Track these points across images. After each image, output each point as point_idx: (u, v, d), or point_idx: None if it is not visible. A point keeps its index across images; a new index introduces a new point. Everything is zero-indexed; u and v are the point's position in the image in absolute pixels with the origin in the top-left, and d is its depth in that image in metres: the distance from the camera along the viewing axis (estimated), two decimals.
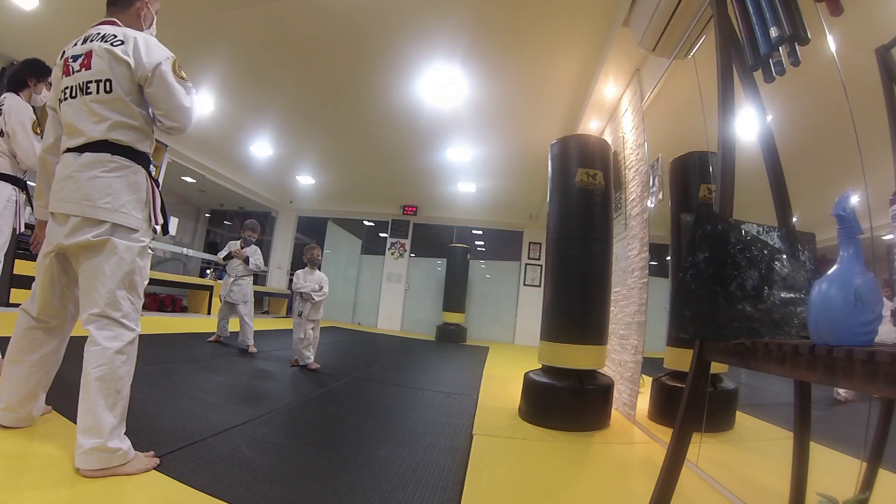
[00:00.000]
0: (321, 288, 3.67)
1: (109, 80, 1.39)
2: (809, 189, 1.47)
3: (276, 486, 1.41)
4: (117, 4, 1.52)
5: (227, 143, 6.71)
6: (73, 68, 1.42)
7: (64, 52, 1.47)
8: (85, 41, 1.43)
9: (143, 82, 1.43)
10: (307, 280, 3.65)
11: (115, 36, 1.42)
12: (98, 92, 1.39)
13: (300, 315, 3.59)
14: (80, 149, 1.40)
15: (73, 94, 1.41)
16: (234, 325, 4.36)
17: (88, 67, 1.40)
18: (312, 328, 3.64)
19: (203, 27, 3.82)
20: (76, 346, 1.52)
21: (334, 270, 10.12)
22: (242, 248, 4.29)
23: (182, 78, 1.47)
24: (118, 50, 1.39)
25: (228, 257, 4.29)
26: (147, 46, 1.43)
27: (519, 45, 3.71)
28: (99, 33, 1.43)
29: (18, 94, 2.19)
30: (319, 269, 3.79)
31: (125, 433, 1.36)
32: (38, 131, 2.21)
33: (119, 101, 1.41)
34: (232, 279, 4.23)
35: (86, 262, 1.39)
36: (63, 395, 1.92)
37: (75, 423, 1.30)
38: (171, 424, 1.82)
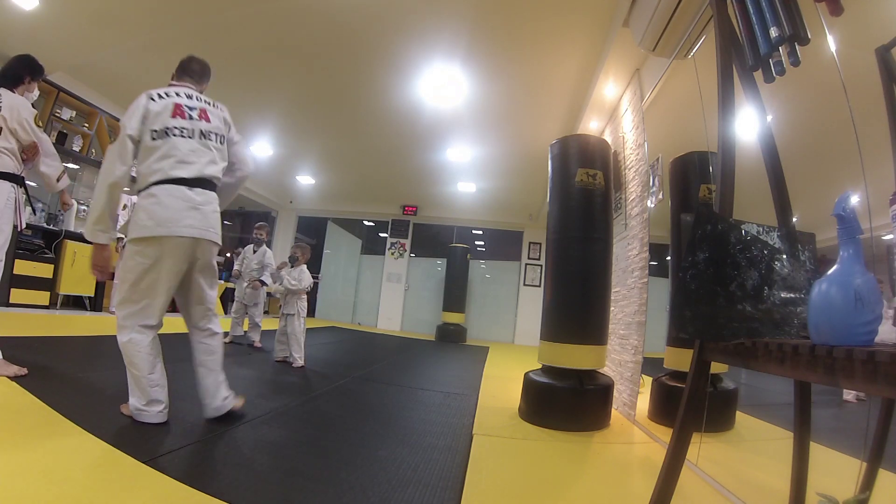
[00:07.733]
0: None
1: None
2: (809, 189, 1.47)
3: (276, 486, 1.41)
4: None
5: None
6: None
7: None
8: None
9: None
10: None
11: None
12: None
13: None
14: None
15: None
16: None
17: None
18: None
19: (203, 27, 3.82)
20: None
21: (334, 270, 10.12)
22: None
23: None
24: None
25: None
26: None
27: (519, 46, 3.71)
28: None
29: (13, 91, 2.14)
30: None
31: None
32: (41, 124, 2.21)
33: None
34: (245, 283, 4.48)
35: None
36: (61, 394, 1.92)
37: (71, 420, 1.29)
38: (171, 424, 1.81)
